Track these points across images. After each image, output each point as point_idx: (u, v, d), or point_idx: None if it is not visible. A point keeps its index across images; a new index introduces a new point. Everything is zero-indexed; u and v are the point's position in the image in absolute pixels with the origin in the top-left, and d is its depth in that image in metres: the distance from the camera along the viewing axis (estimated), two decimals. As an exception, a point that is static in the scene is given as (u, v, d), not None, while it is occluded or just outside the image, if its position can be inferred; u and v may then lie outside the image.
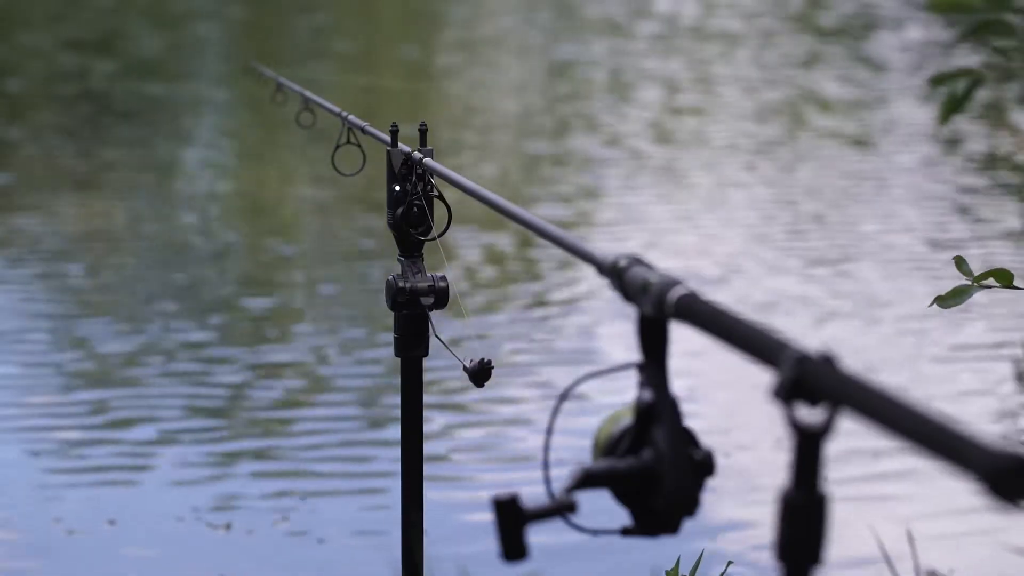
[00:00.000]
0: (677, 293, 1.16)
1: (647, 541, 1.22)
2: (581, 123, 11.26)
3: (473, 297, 6.75)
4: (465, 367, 2.20)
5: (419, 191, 2.32)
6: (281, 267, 7.52)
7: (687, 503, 1.17)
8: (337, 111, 2.73)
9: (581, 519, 1.19)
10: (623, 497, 1.19)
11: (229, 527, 4.50)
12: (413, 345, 2.36)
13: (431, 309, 2.35)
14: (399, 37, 16.92)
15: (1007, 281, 2.19)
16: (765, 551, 4.17)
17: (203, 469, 4.97)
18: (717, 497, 4.62)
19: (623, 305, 1.24)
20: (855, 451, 4.85)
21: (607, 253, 1.30)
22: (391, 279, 2.35)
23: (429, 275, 2.35)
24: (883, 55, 14.60)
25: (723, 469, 4.49)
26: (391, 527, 2.77)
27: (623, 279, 1.24)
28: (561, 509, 1.17)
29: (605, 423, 1.23)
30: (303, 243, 8.01)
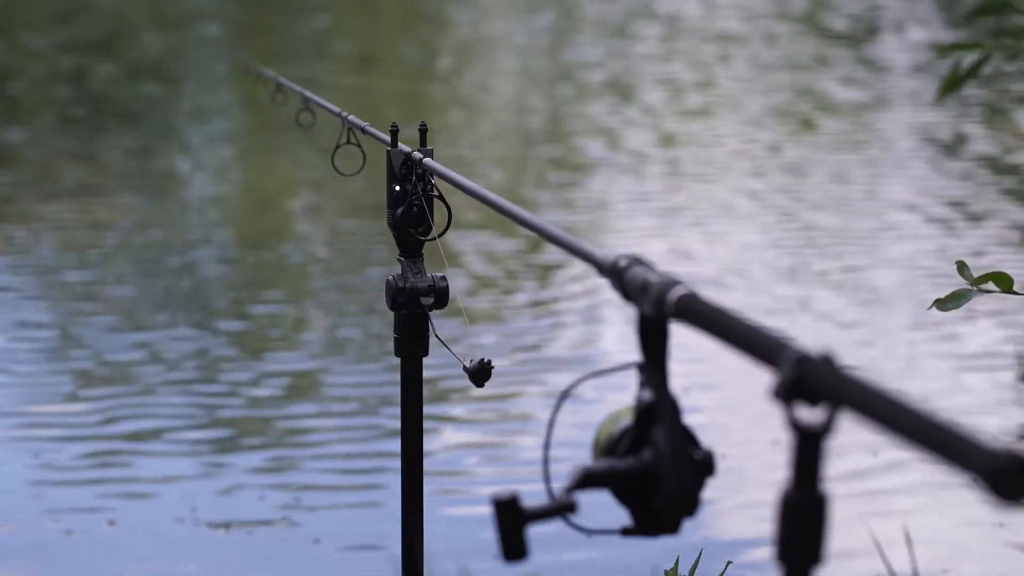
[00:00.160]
0: (677, 293, 1.16)
1: (647, 540, 1.22)
2: (582, 124, 11.25)
3: (473, 297, 6.75)
4: (465, 367, 2.20)
5: (419, 191, 2.32)
6: (281, 267, 7.51)
7: (687, 503, 1.17)
8: (337, 111, 2.73)
9: (581, 519, 1.19)
10: (623, 497, 1.19)
11: (228, 528, 4.50)
12: (413, 345, 2.36)
13: (431, 309, 2.35)
14: (399, 37, 16.91)
15: (1006, 286, 2.19)
16: (765, 551, 4.17)
17: (202, 469, 4.97)
18: (717, 497, 4.62)
19: (623, 305, 1.24)
20: (854, 449, 4.85)
21: (607, 253, 1.29)
22: (391, 279, 2.35)
23: (429, 275, 2.35)
24: (887, 56, 14.59)
25: (723, 469, 4.48)
26: (391, 527, 2.77)
27: (623, 279, 1.24)
28: (561, 509, 1.17)
29: (605, 423, 1.23)
30: (303, 243, 8.01)
